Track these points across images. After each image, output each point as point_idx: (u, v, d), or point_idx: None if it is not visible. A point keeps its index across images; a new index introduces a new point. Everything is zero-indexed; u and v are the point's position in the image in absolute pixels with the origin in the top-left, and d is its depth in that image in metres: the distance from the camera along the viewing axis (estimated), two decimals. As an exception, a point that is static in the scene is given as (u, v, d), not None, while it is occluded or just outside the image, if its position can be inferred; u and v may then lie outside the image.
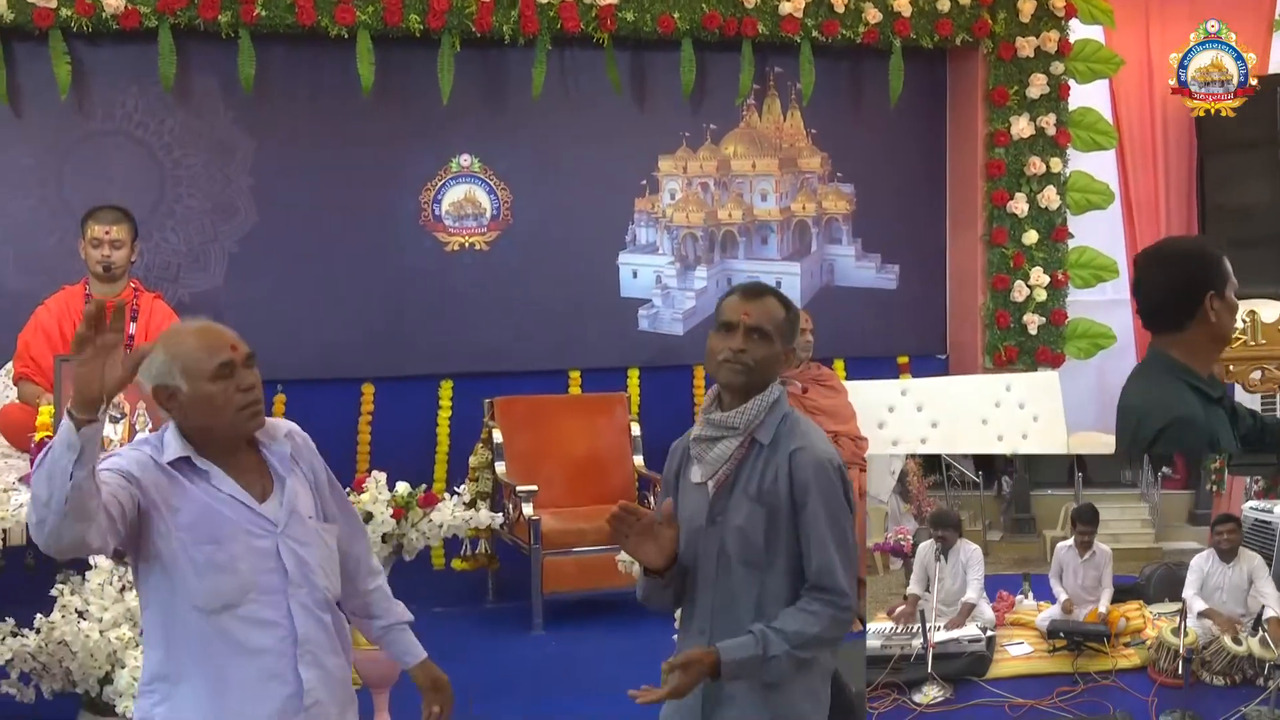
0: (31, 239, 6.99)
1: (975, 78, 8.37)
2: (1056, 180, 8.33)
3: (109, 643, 4.42)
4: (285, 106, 7.39)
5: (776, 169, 8.29)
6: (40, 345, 5.97)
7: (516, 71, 7.62)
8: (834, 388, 7.43)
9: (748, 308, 3.14)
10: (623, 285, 8.01)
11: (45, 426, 5.36)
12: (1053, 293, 8.37)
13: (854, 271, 8.48)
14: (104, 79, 7.08)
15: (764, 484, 3.02)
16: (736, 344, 3.10)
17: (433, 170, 7.63)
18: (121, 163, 7.14)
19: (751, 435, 3.08)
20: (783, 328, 3.13)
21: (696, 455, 3.14)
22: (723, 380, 3.14)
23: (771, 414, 3.09)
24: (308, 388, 7.34)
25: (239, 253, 7.34)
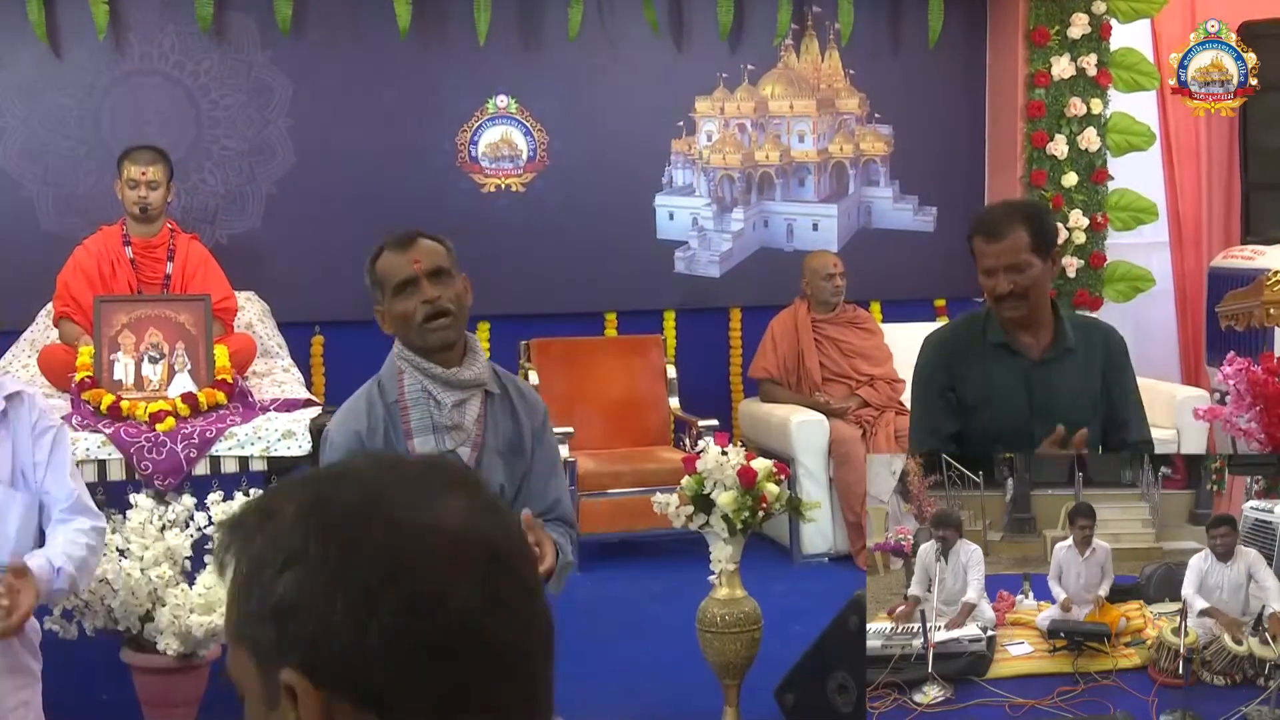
0: (70, 180, 7.02)
1: (1016, 17, 8.29)
2: (1097, 122, 8.25)
3: (149, 581, 4.46)
4: (322, 48, 7.38)
5: (814, 110, 8.24)
6: (80, 285, 6.00)
7: (553, 12, 7.59)
8: (870, 330, 7.43)
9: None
10: (659, 227, 7.99)
11: (86, 367, 5.41)
12: (1092, 235, 8.32)
13: (891, 213, 8.44)
14: (141, 19, 7.09)
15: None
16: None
17: (469, 111, 7.62)
18: (159, 104, 7.15)
19: None
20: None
21: None
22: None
23: None
24: (346, 329, 7.34)
25: (277, 194, 7.35)
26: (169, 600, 4.44)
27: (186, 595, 4.46)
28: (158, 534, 4.60)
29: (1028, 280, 3.76)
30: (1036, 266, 3.78)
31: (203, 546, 4.68)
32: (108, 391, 5.29)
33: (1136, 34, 8.42)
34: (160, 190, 6.10)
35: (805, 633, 4.47)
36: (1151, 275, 8.44)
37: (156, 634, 4.46)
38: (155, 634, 4.47)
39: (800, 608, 5.69)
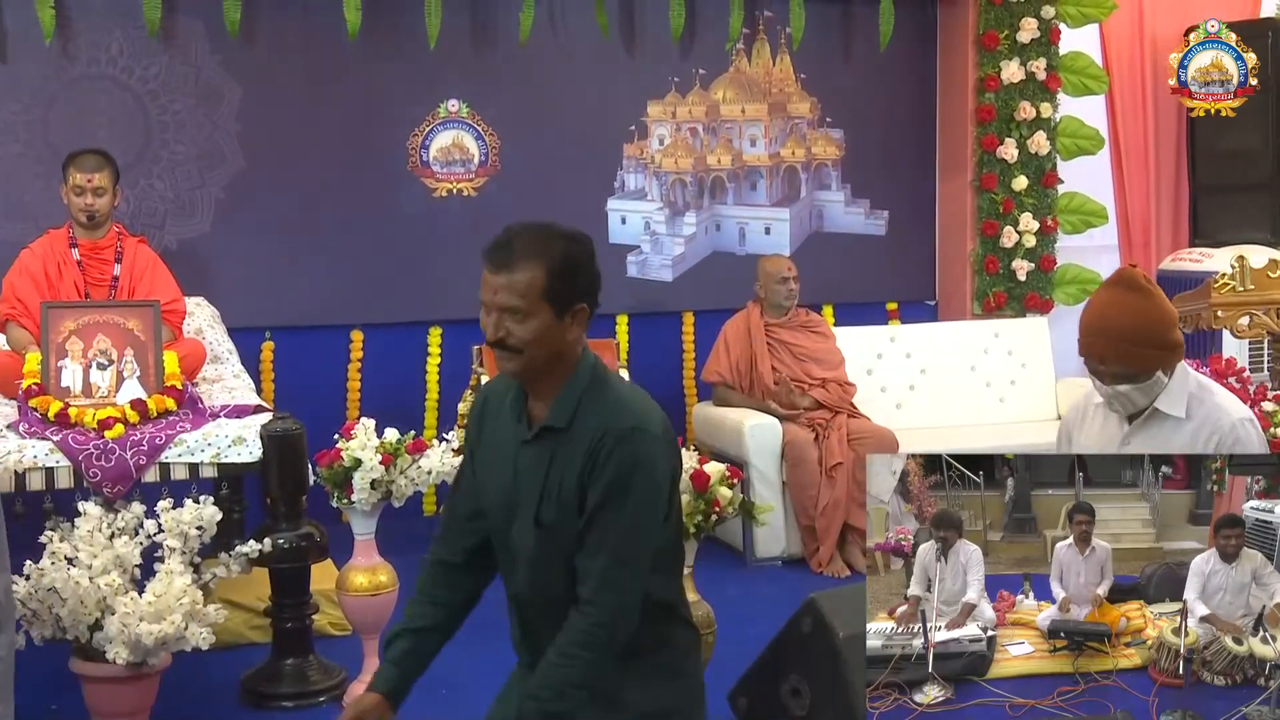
0: (17, 185, 6.94)
1: (965, 22, 8.34)
2: (1046, 125, 8.31)
3: (98, 589, 4.42)
4: (272, 51, 7.33)
5: (766, 114, 8.25)
6: (26, 287, 5.94)
7: (504, 15, 7.58)
8: (823, 333, 7.44)
9: None
10: (611, 231, 7.99)
11: (33, 374, 5.35)
12: (1042, 238, 8.37)
13: (843, 217, 8.47)
14: (89, 23, 7.02)
15: None
16: None
17: (420, 116, 7.59)
18: (107, 108, 7.08)
19: None
20: None
21: None
22: None
23: None
24: (296, 334, 7.32)
25: (226, 199, 7.30)
26: (118, 609, 4.40)
27: (136, 603, 4.41)
28: (106, 542, 4.56)
29: (526, 333, 2.96)
30: (540, 319, 2.96)
31: (152, 554, 4.64)
32: (55, 398, 5.23)
33: (1085, 38, 8.48)
34: (106, 196, 6.04)
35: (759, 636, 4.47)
36: (1101, 278, 8.48)
37: (106, 643, 4.42)
38: (104, 643, 4.42)
39: (753, 611, 5.70)
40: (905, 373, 7.91)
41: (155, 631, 4.37)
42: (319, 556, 5.23)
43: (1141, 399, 3.55)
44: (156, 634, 4.37)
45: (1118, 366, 3.51)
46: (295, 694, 5.15)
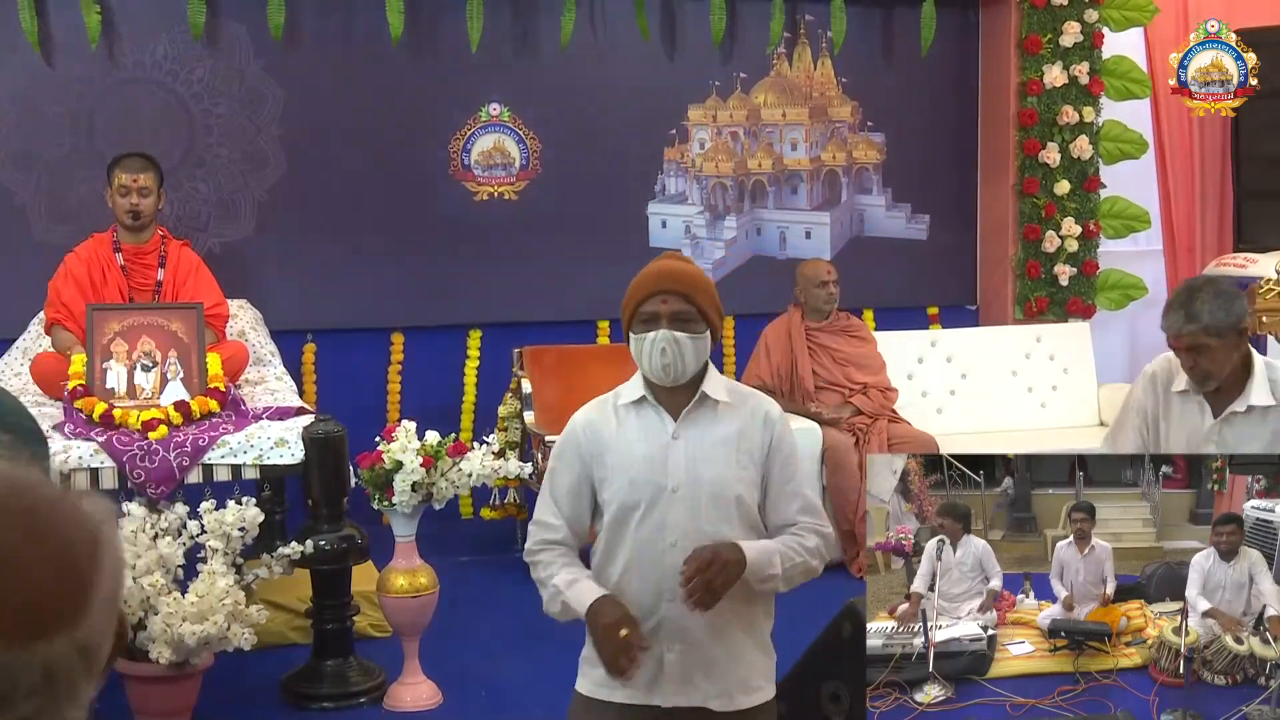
0: (63, 188, 7.00)
1: (1008, 26, 8.30)
2: (1089, 130, 8.26)
3: (142, 589, 4.45)
4: (314, 55, 7.37)
5: (807, 118, 8.24)
6: (71, 291, 5.99)
7: (546, 19, 7.59)
8: (863, 338, 7.43)
9: None
10: (652, 235, 7.99)
11: (78, 375, 5.39)
12: (1084, 243, 8.33)
13: (884, 221, 8.44)
14: (133, 27, 7.07)
15: None
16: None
17: (462, 120, 7.62)
18: (151, 111, 7.14)
19: None
20: None
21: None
22: None
23: None
24: (338, 337, 7.36)
25: (268, 202, 7.34)
26: (161, 609, 4.43)
27: (179, 604, 4.45)
28: (150, 542, 4.60)
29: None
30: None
31: (195, 555, 4.67)
32: (100, 400, 5.27)
33: (1129, 42, 8.43)
34: (151, 197, 6.08)
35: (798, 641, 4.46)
36: (1144, 283, 8.44)
37: (149, 642, 4.46)
38: (148, 642, 4.46)
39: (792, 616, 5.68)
40: (946, 377, 7.89)
41: (198, 631, 4.40)
42: (360, 558, 5.26)
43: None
44: (199, 634, 4.40)
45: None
46: (335, 695, 5.18)
